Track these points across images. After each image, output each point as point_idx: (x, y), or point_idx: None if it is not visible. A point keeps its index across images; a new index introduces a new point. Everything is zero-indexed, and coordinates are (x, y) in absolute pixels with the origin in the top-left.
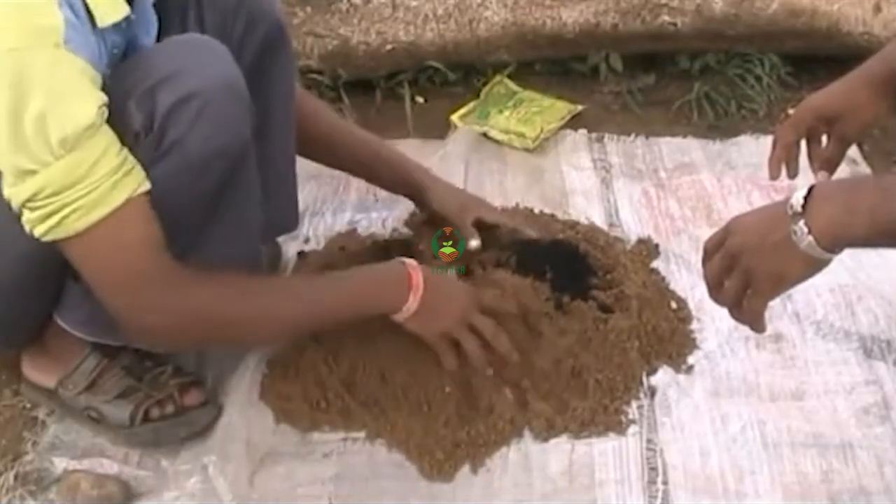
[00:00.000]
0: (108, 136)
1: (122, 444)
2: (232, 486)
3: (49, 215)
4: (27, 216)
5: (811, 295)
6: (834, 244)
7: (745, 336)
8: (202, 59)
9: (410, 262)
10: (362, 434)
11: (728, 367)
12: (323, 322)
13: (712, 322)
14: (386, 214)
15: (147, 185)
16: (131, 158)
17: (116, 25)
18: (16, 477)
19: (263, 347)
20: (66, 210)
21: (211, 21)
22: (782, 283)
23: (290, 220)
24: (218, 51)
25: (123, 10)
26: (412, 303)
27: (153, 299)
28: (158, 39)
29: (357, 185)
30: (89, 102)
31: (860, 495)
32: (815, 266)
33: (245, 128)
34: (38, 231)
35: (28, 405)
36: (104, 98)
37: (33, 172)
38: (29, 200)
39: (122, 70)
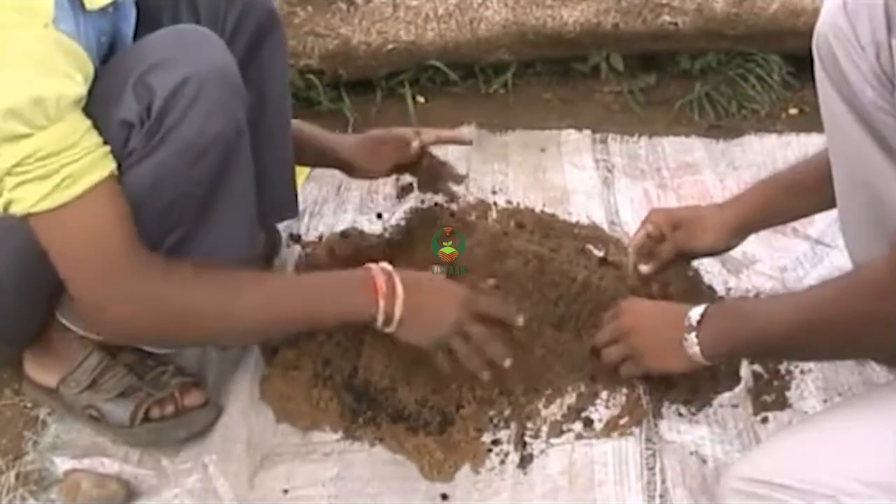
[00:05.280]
0: (87, 119)
1: (122, 443)
2: (232, 486)
3: (40, 179)
4: (8, 185)
5: None
6: (712, 357)
7: None
8: (195, 48)
9: (381, 266)
10: (362, 434)
11: None
12: (285, 326)
13: None
14: (387, 215)
15: (116, 171)
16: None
17: (103, 10)
18: (17, 477)
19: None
20: (59, 176)
21: (205, 10)
22: (662, 370)
23: (288, 206)
24: (210, 39)
25: None
26: (392, 309)
27: (122, 287)
28: (149, 31)
29: (358, 185)
30: (77, 77)
31: None
32: (694, 366)
33: (239, 114)
34: (23, 201)
35: (29, 404)
36: (90, 72)
37: (27, 136)
38: (17, 165)
39: (115, 63)
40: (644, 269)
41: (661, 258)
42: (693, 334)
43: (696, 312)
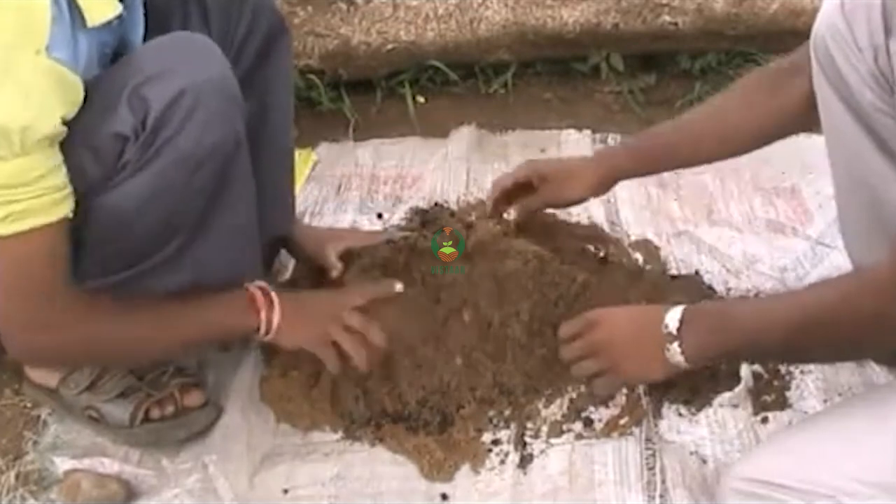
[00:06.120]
0: (60, 157)
1: (122, 443)
2: (232, 486)
3: None
4: None
5: None
6: (698, 363)
7: None
8: (191, 58)
9: (257, 284)
10: (362, 434)
11: None
12: (180, 344)
13: None
14: (387, 215)
15: (70, 215)
16: (69, 186)
17: (107, 24)
18: (17, 477)
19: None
20: (4, 210)
21: (215, 14)
22: (645, 380)
23: (285, 218)
24: (207, 48)
25: (116, 9)
26: (269, 320)
27: (46, 317)
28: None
29: (358, 185)
30: (54, 114)
31: None
32: (675, 372)
33: (238, 125)
34: None
35: (29, 404)
36: (79, 100)
37: None
38: None
39: (111, 72)
40: (508, 216)
41: (530, 208)
42: (675, 343)
43: (672, 319)
